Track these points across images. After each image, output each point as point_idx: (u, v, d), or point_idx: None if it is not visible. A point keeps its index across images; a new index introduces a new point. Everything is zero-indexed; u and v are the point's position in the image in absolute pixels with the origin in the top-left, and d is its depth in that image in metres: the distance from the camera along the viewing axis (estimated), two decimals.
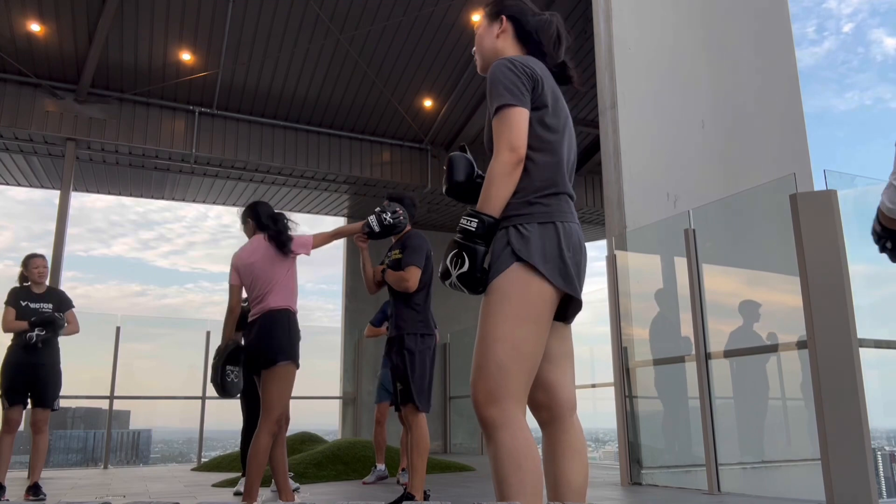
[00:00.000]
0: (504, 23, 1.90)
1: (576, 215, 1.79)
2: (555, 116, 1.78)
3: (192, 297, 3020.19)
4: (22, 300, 4.90)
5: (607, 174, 5.90)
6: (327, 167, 10.34)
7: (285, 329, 3.52)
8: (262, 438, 3.44)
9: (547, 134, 1.75)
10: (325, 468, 6.22)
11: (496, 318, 1.63)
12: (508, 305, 1.63)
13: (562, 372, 1.76)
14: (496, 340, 1.62)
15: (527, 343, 1.62)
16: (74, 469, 9.53)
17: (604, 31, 6.17)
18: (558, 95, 1.83)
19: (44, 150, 9.17)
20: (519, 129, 1.67)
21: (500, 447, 1.56)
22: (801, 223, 3.96)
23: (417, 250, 3.85)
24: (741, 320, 5.19)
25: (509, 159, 1.65)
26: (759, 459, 5.25)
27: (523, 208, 1.69)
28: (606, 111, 5.98)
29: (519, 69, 1.72)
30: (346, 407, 11.82)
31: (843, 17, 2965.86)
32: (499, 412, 1.59)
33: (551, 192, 1.73)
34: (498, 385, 1.60)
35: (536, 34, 1.88)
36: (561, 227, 1.70)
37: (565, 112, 1.85)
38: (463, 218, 1.68)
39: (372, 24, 8.65)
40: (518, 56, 1.80)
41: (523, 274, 1.64)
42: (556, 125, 1.78)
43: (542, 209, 1.70)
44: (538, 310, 1.64)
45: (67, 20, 8.10)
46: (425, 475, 3.78)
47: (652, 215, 5.59)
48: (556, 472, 1.70)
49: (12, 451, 4.86)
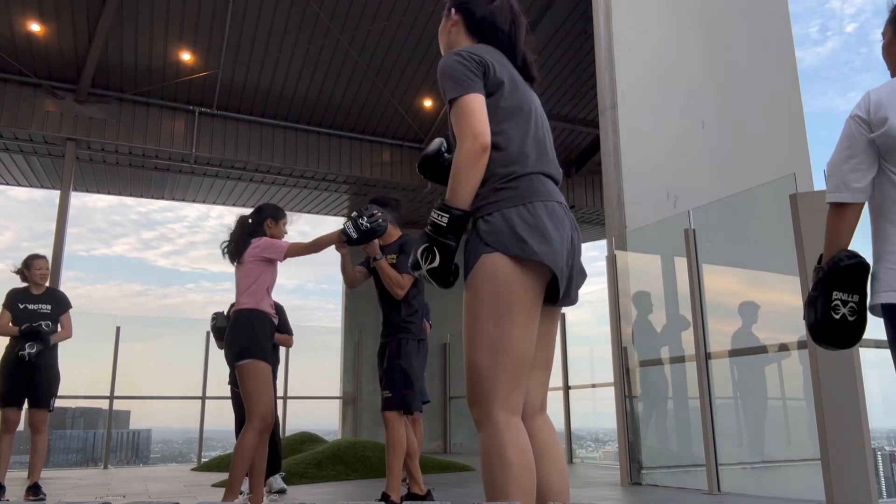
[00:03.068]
0: (453, 15, 1.85)
1: (556, 194, 1.70)
2: (512, 98, 1.71)
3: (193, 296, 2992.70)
4: (20, 302, 4.88)
5: (607, 174, 5.90)
6: (327, 167, 10.34)
7: (248, 328, 3.55)
8: (248, 436, 3.44)
9: (505, 116, 1.69)
10: (325, 468, 6.22)
11: (472, 320, 1.60)
12: (480, 305, 1.58)
13: (530, 376, 1.68)
14: (473, 343, 1.59)
15: (504, 340, 1.56)
16: (74, 469, 9.53)
17: (604, 31, 6.16)
18: (516, 79, 1.77)
19: (44, 150, 9.17)
20: (476, 115, 1.61)
21: (482, 446, 1.56)
22: (801, 223, 3.95)
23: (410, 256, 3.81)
24: (741, 322, 5.19)
25: (472, 146, 1.58)
26: (759, 459, 5.25)
27: (490, 196, 1.62)
28: (606, 111, 5.98)
29: (466, 58, 1.67)
30: (346, 407, 11.82)
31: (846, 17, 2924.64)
32: (481, 413, 1.58)
33: (518, 175, 1.65)
34: (480, 387, 1.58)
35: (490, 20, 1.81)
36: (532, 207, 1.61)
37: (527, 94, 1.78)
38: (433, 211, 1.61)
39: (372, 24, 8.65)
40: (466, 47, 1.75)
41: (492, 266, 1.58)
42: (516, 106, 1.71)
43: (510, 193, 1.62)
44: (514, 299, 1.57)
45: (67, 20, 8.10)
46: (401, 473, 3.77)
47: (652, 215, 5.59)
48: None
49: (12, 451, 4.86)
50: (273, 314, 3.74)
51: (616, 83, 5.92)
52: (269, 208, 3.94)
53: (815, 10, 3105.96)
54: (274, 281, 3.76)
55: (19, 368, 4.76)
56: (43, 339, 4.79)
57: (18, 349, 4.73)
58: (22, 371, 4.77)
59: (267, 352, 3.60)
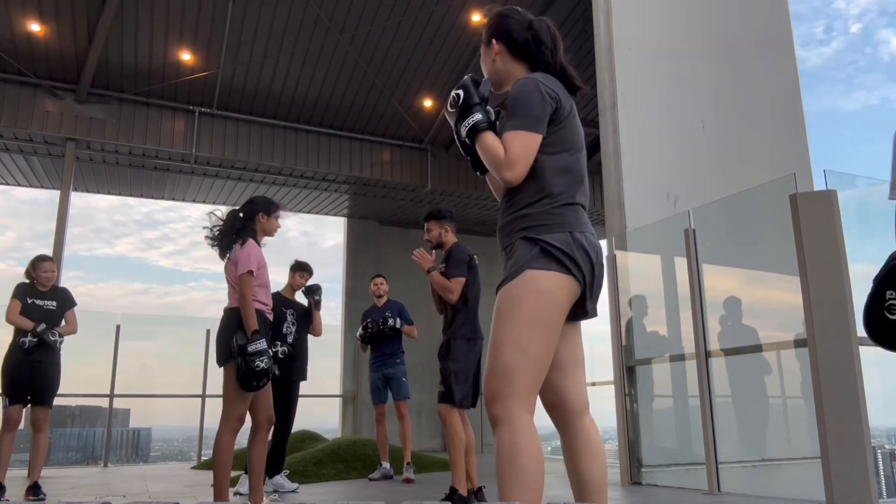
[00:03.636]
0: (496, 45, 1.95)
1: (590, 225, 1.86)
2: (571, 130, 1.85)
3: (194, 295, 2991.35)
4: (28, 297, 4.94)
5: (607, 174, 5.91)
6: (327, 167, 10.34)
7: (235, 328, 3.49)
8: (222, 437, 3.44)
9: (564, 147, 1.82)
10: (325, 466, 6.23)
11: (507, 323, 1.71)
12: (519, 310, 1.70)
13: (570, 378, 1.84)
14: (504, 343, 1.70)
15: (534, 346, 1.69)
16: (74, 467, 9.53)
17: (604, 31, 6.17)
18: (575, 110, 1.90)
19: (44, 150, 9.17)
20: (528, 156, 1.76)
21: (500, 443, 1.65)
22: (801, 223, 3.96)
23: (459, 262, 4.11)
24: (729, 318, 5.22)
25: (505, 177, 1.76)
26: (760, 458, 5.26)
27: (540, 219, 1.77)
28: (606, 111, 5.99)
29: (544, 92, 1.79)
30: (347, 405, 11.82)
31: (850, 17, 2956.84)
32: (503, 410, 1.67)
33: (566, 203, 1.80)
34: (503, 385, 1.68)
35: (532, 46, 1.90)
36: (575, 236, 1.76)
37: (580, 125, 1.91)
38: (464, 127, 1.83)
39: (372, 24, 8.65)
40: (539, 75, 1.85)
41: (536, 279, 1.71)
42: (572, 139, 1.85)
43: (559, 220, 1.77)
44: (548, 314, 1.71)
45: (67, 20, 8.10)
46: (464, 467, 4.06)
47: (652, 215, 5.60)
48: (575, 472, 1.79)
49: (12, 450, 4.88)
50: (268, 310, 3.70)
51: (616, 83, 5.93)
52: (262, 201, 3.84)
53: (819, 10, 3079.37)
54: (265, 279, 3.70)
55: (23, 367, 4.79)
56: (45, 343, 4.84)
57: (20, 339, 4.78)
58: (26, 369, 4.79)
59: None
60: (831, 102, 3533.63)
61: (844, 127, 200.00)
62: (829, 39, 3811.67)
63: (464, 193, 11.36)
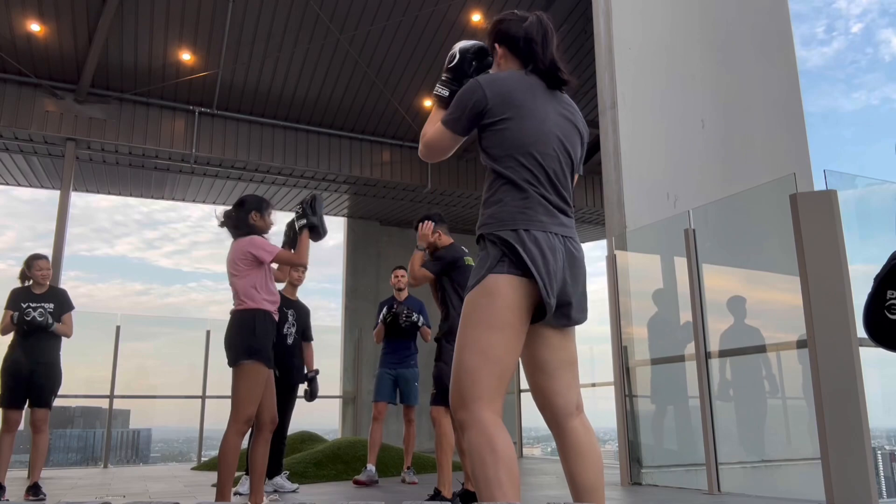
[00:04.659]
0: (499, 49, 2.01)
1: (554, 223, 1.82)
2: (524, 128, 1.83)
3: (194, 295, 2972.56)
4: (22, 302, 4.88)
5: (607, 174, 5.91)
6: (327, 167, 10.34)
7: (250, 329, 3.48)
8: (229, 438, 3.41)
9: (514, 147, 1.83)
10: (325, 467, 6.23)
11: (467, 327, 1.75)
12: (475, 314, 1.74)
13: (556, 381, 1.84)
14: (464, 348, 1.73)
15: (494, 348, 1.70)
16: (74, 468, 9.53)
17: (604, 31, 6.17)
18: (536, 107, 1.86)
19: (44, 150, 9.17)
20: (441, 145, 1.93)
21: (470, 444, 1.67)
22: (801, 223, 3.96)
23: (440, 259, 4.14)
24: (732, 318, 5.21)
25: (419, 151, 1.97)
26: (760, 459, 5.25)
27: (494, 216, 1.81)
28: (606, 111, 5.99)
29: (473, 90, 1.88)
30: (346, 406, 11.82)
31: (852, 17, 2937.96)
32: (467, 414, 1.69)
33: (522, 199, 1.80)
34: (466, 389, 1.70)
35: (526, 44, 1.94)
36: (532, 235, 1.75)
37: (544, 121, 1.86)
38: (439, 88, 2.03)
39: (372, 24, 8.65)
40: (494, 75, 1.95)
41: (493, 283, 1.73)
42: (524, 136, 1.83)
43: (514, 216, 1.79)
44: (502, 316, 1.72)
45: (67, 20, 8.10)
46: (451, 469, 4.04)
47: (652, 215, 5.60)
48: (569, 474, 1.81)
49: (12, 451, 4.86)
50: (275, 311, 3.71)
51: (616, 83, 5.92)
52: (253, 200, 3.78)
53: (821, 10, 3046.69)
54: (270, 277, 3.71)
55: (23, 367, 4.77)
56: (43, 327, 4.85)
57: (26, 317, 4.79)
58: (25, 370, 4.78)
59: (268, 353, 3.57)
60: (832, 102, 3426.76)
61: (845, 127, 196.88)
62: (830, 39, 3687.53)
63: (464, 193, 11.36)
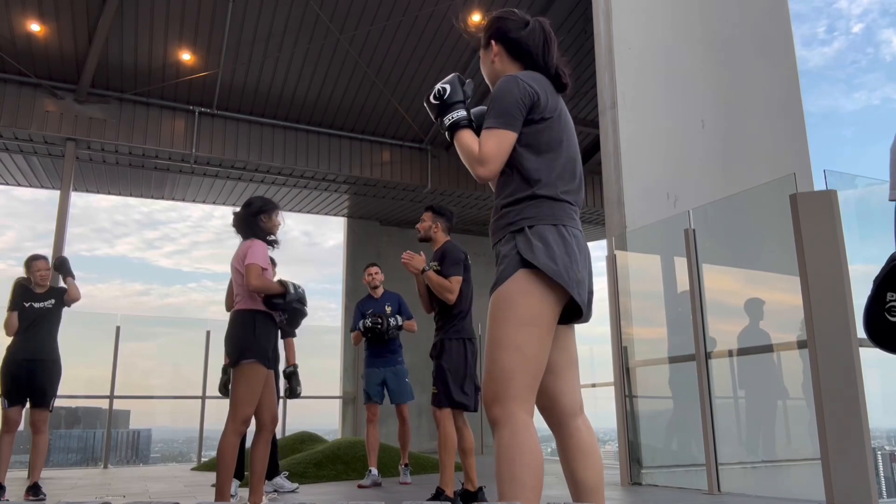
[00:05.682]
0: (494, 46, 1.99)
1: (579, 223, 1.86)
2: (554, 131, 1.85)
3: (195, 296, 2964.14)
4: (25, 301, 4.94)
5: (607, 174, 5.90)
6: (327, 167, 10.34)
7: (250, 329, 3.50)
8: (227, 438, 3.42)
9: (547, 148, 1.83)
10: (325, 468, 6.23)
11: (502, 324, 1.73)
12: (512, 311, 1.72)
13: (562, 381, 1.85)
14: (500, 345, 1.72)
15: (530, 346, 1.70)
16: (74, 469, 9.53)
17: (604, 31, 6.17)
18: (561, 109, 1.90)
19: (44, 150, 9.17)
20: (501, 154, 1.79)
21: (500, 443, 1.67)
22: (801, 223, 3.96)
23: (456, 261, 4.07)
24: (747, 319, 5.18)
25: (478, 173, 1.80)
26: (759, 459, 5.25)
27: (527, 212, 1.78)
28: (606, 111, 5.98)
29: (521, 88, 1.82)
30: (346, 406, 11.82)
31: (852, 17, 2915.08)
32: (502, 411, 1.69)
33: (551, 196, 1.81)
34: (502, 387, 1.70)
35: (526, 46, 1.94)
36: (565, 231, 1.78)
37: (567, 123, 1.92)
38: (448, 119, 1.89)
39: (372, 24, 8.65)
40: (522, 73, 1.88)
41: (527, 280, 1.73)
42: (556, 139, 1.85)
43: (547, 212, 1.79)
44: (541, 314, 1.72)
45: (67, 20, 8.10)
46: (453, 469, 4.01)
47: (652, 215, 5.59)
48: (570, 473, 1.81)
49: (12, 451, 4.87)
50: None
51: (616, 83, 5.92)
52: (259, 202, 3.80)
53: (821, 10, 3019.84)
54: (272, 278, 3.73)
55: (23, 367, 4.79)
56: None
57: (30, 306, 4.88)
58: (26, 369, 4.79)
59: (268, 354, 3.58)
60: (832, 102, 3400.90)
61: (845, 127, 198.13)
62: (831, 39, 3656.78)
63: (464, 193, 11.36)
